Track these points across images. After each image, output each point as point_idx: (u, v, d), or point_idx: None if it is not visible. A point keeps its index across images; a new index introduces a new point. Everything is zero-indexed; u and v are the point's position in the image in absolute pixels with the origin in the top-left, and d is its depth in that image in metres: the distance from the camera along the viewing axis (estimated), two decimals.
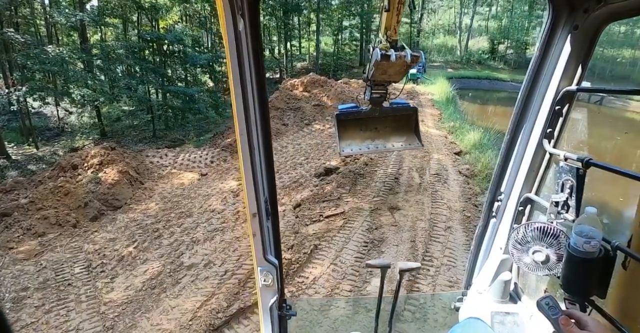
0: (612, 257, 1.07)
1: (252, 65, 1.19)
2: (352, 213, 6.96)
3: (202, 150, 13.18)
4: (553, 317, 1.00)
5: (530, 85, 1.47)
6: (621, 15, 1.20)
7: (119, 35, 26.65)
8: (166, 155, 12.36)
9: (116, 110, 26.65)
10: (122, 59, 23.18)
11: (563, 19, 1.32)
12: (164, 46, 25.78)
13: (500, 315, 1.56)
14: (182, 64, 28.00)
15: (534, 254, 1.30)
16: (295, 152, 12.11)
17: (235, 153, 12.51)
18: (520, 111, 1.52)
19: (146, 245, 6.49)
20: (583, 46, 1.30)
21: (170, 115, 26.54)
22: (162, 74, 24.80)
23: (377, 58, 4.70)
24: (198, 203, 8.14)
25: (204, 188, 9.23)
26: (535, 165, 1.52)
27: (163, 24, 26.62)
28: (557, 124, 1.43)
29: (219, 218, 7.24)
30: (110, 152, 9.96)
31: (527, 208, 1.59)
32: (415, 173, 9.03)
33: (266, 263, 1.43)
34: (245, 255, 5.73)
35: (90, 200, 8.04)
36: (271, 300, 1.51)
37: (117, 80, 22.73)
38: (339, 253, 5.68)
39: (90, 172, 8.91)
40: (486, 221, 1.75)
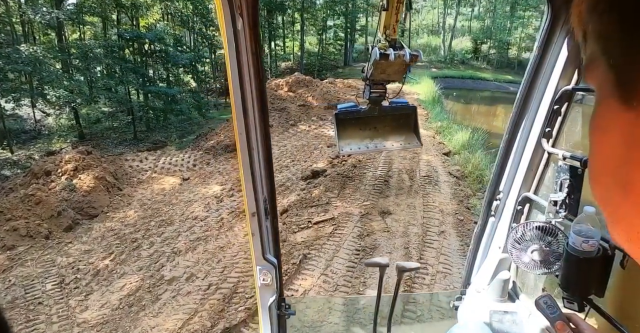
0: (611, 256, 1.07)
1: (251, 65, 1.17)
2: (342, 219, 6.70)
3: (184, 153, 12.73)
4: (551, 316, 1.01)
5: (529, 84, 1.47)
6: None
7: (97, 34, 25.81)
8: (146, 159, 11.87)
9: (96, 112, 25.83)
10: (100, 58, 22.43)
11: (561, 19, 1.31)
12: (144, 45, 25.08)
13: (499, 314, 1.54)
14: (163, 64, 27.32)
15: (533, 253, 1.29)
16: (280, 154, 11.79)
17: (218, 156, 12.12)
18: (519, 110, 1.52)
19: (124, 257, 6.09)
20: None
21: (152, 117, 25.84)
22: (142, 74, 24.08)
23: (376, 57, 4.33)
24: (179, 210, 7.75)
25: (185, 193, 8.83)
26: (534, 164, 1.52)
27: (144, 22, 25.89)
28: (556, 124, 1.43)
29: (201, 227, 6.88)
30: (86, 156, 9.46)
31: (525, 208, 1.58)
32: (406, 176, 8.82)
33: (265, 262, 1.42)
34: (230, 267, 5.40)
35: (64, 208, 7.56)
36: (270, 300, 1.49)
37: (96, 81, 21.98)
38: (330, 263, 5.40)
39: (65, 179, 8.41)
40: (485, 220, 1.74)
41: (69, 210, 7.60)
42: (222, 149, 12.43)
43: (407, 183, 8.43)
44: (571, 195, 1.27)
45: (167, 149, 17.28)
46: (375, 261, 1.87)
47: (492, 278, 1.66)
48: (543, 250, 1.28)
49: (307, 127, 15.36)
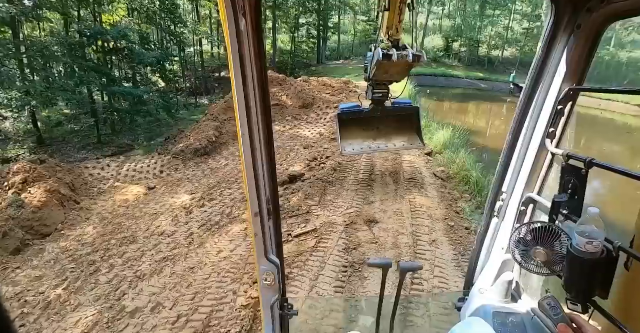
0: (615, 258, 1.05)
1: (254, 66, 1.16)
2: (325, 230, 6.15)
3: (151, 158, 11.84)
4: (555, 317, 1.05)
5: (533, 84, 1.45)
6: (624, 15, 1.19)
7: (54, 31, 24.11)
8: (109, 166, 10.92)
9: (57, 115, 24.29)
10: (58, 57, 20.96)
11: (566, 18, 1.30)
12: (107, 43, 23.65)
13: (502, 315, 1.52)
14: (128, 63, 25.97)
15: (536, 254, 1.28)
16: None
17: (187, 161, 11.34)
18: (522, 110, 1.50)
19: (79, 284, 5.32)
20: (586, 45, 1.30)
21: (117, 119, 24.51)
22: (105, 73, 22.69)
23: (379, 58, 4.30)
24: (144, 225, 6.98)
25: (151, 205, 8.05)
26: (538, 165, 1.51)
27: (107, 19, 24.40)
28: (560, 124, 1.42)
29: (169, 244, 6.16)
30: (38, 166, 8.49)
31: (529, 208, 1.57)
32: (390, 179, 8.37)
33: (268, 262, 1.42)
34: (202, 293, 4.75)
35: (11, 228, 6.65)
36: (272, 300, 1.49)
37: (53, 81, 20.47)
38: (315, 283, 4.84)
39: (12, 193, 7.46)
40: (488, 221, 1.72)
41: (17, 230, 6.69)
42: (192, 153, 11.63)
43: (391, 187, 7.97)
44: (575, 196, 1.25)
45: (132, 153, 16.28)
46: (377, 262, 1.81)
47: (495, 279, 1.64)
48: (546, 251, 1.26)
49: (282, 128, 14.73)
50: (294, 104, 17.18)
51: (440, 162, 9.78)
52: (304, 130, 14.27)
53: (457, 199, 7.61)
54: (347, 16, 51.99)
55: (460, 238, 6.18)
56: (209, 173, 10.11)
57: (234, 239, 6.16)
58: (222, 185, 8.93)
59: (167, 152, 12.43)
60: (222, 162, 11.13)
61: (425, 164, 9.56)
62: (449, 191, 7.95)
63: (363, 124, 6.49)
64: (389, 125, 6.57)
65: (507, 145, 1.57)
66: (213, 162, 11.24)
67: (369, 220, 6.46)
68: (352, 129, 6.48)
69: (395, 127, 6.61)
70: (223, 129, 13.54)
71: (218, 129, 13.24)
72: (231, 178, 9.34)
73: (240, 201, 7.68)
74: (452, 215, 6.88)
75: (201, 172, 10.35)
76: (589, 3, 1.22)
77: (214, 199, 7.97)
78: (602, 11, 1.20)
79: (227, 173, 9.87)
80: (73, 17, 22.87)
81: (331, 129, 13.73)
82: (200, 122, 14.94)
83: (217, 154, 11.87)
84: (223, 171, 10.17)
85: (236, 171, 9.95)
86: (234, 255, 5.64)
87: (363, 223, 6.35)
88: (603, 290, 1.10)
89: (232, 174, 9.74)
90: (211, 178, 9.67)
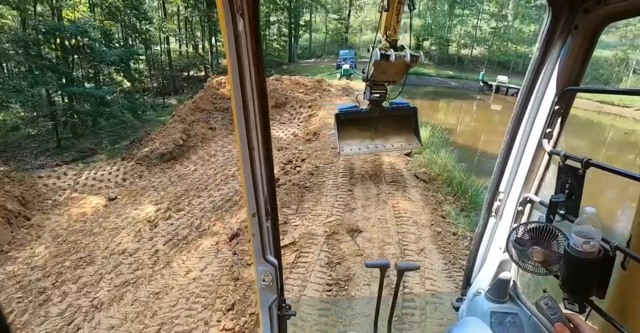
0: (612, 258, 1.06)
1: (252, 66, 1.16)
2: (305, 242, 5.66)
3: (112, 164, 10.98)
4: (552, 317, 1.08)
5: (530, 84, 1.44)
6: (621, 15, 1.19)
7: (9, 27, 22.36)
8: (65, 175, 10.01)
9: (13, 118, 22.65)
10: (10, 55, 19.44)
11: (562, 19, 1.28)
12: (68, 40, 22.18)
13: (499, 315, 1.50)
14: (89, 61, 24.54)
15: (533, 254, 1.28)
16: (225, 162, 10.52)
17: (152, 167, 10.58)
18: (519, 111, 1.48)
19: (26, 317, 4.61)
20: (582, 46, 1.29)
21: (78, 122, 23.12)
22: (63, 73, 21.26)
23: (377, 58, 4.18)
24: (103, 242, 6.28)
25: (112, 218, 7.31)
26: (535, 165, 1.50)
27: (67, 14, 22.86)
28: (557, 124, 1.41)
29: (130, 264, 5.51)
30: None
31: (526, 208, 1.56)
32: (370, 182, 7.97)
33: (266, 263, 1.40)
34: (168, 324, 4.16)
35: None
36: (270, 300, 1.47)
37: (4, 82, 18.93)
38: (297, 306, 4.35)
39: None
40: (485, 221, 1.70)
41: None
42: (157, 158, 10.86)
43: (373, 191, 7.57)
44: (572, 196, 1.25)
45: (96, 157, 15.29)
46: (375, 263, 1.85)
47: (493, 279, 1.64)
48: (543, 251, 1.25)
49: None
50: None
51: (420, 162, 9.48)
52: (277, 131, 13.72)
53: (442, 202, 7.30)
54: (318, 14, 51.56)
55: (448, 245, 5.85)
56: (176, 180, 9.41)
57: (204, 256, 5.58)
58: (190, 193, 8.28)
59: (131, 157, 11.59)
60: (190, 167, 10.43)
61: (405, 165, 9.24)
62: (432, 193, 7.63)
63: (361, 124, 6.47)
64: (386, 125, 6.55)
65: (504, 145, 1.57)
66: (180, 167, 10.53)
67: (351, 229, 6.03)
68: (350, 129, 6.44)
69: (393, 127, 6.60)
70: (191, 131, 12.80)
71: (185, 131, 12.49)
72: (200, 185, 8.70)
73: (211, 211, 7.08)
74: (438, 220, 6.55)
75: (167, 179, 9.63)
76: (586, 4, 1.22)
77: (181, 210, 7.33)
78: (598, 12, 1.20)
79: (196, 180, 9.21)
80: (30, 13, 21.29)
81: (306, 129, 13.26)
82: (166, 124, 14.11)
83: (184, 158, 11.15)
84: (191, 177, 9.50)
85: (205, 177, 9.31)
86: (204, 275, 5.06)
87: (345, 233, 5.91)
88: (600, 289, 1.10)
89: (201, 180, 9.10)
90: (178, 185, 8.99)
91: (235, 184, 8.68)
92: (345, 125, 6.39)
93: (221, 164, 10.35)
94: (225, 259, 5.25)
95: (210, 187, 8.59)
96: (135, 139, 16.57)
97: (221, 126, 14.01)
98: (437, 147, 10.66)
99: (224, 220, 6.73)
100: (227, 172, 9.62)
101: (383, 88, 5.88)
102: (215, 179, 9.16)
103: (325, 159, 9.40)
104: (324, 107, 16.59)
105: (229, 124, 14.34)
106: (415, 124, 6.63)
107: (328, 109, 16.14)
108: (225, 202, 7.77)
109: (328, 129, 12.32)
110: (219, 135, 13.30)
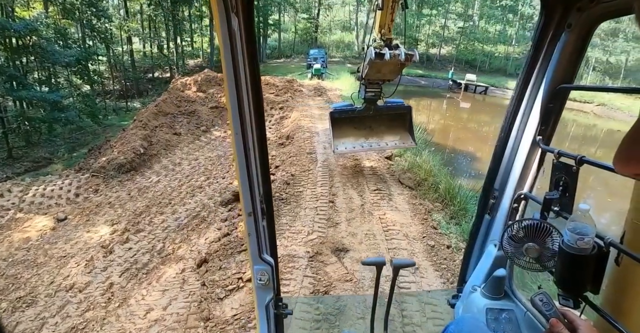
0: (606, 253, 1.07)
1: (247, 64, 1.16)
2: (285, 267, 4.91)
3: (65, 177, 9.81)
4: (547, 312, 1.05)
5: (523, 82, 1.45)
6: (614, 14, 1.20)
7: None
8: (9, 192, 8.79)
9: None
10: None
11: (556, 17, 1.29)
12: (16, 39, 20.38)
13: (495, 311, 1.51)
14: (41, 63, 22.73)
15: (528, 251, 1.28)
16: (192, 171, 9.60)
17: (110, 179, 9.52)
18: (514, 108, 1.50)
19: None
20: (576, 44, 1.29)
21: (31, 129, 21.31)
22: (10, 75, 19.46)
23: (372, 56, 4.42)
24: (48, 275, 5.29)
25: (60, 243, 6.29)
26: (529, 162, 1.50)
27: (22, 13, 21.01)
28: (550, 122, 1.42)
29: (79, 304, 4.59)
30: None
31: (520, 205, 1.57)
32: (352, 191, 7.31)
33: (262, 262, 1.41)
34: None
35: None
36: (267, 299, 1.48)
37: None
38: None
39: None
40: (480, 218, 1.72)
41: None
42: (115, 170, 9.78)
43: (356, 201, 6.92)
44: (566, 193, 1.26)
45: (51, 168, 13.94)
46: (372, 260, 1.79)
47: (488, 275, 1.61)
48: (538, 248, 1.26)
49: (223, 133, 13.21)
50: None
51: (402, 166, 8.90)
52: None
53: (430, 211, 6.73)
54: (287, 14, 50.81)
55: (444, 260, 5.26)
56: (136, 195, 8.42)
57: (168, 288, 4.72)
58: (151, 209, 7.36)
59: (87, 168, 10.42)
60: (152, 178, 9.43)
61: (387, 170, 8.64)
62: (419, 201, 7.06)
63: (355, 122, 6.47)
64: (381, 123, 6.58)
65: (499, 142, 1.57)
66: (141, 178, 9.51)
67: (336, 248, 5.33)
68: (344, 128, 6.43)
69: (388, 126, 6.62)
70: (153, 138, 11.74)
71: (147, 138, 11.42)
72: (163, 200, 7.78)
73: (175, 231, 6.22)
74: (429, 232, 5.96)
75: (126, 193, 8.62)
76: (579, 2, 1.21)
77: (141, 230, 6.40)
78: (592, 10, 1.19)
79: (158, 193, 8.26)
80: None
81: (278, 133, 12.49)
82: (126, 130, 12.96)
83: (146, 168, 10.13)
84: (153, 190, 8.53)
85: (169, 189, 8.38)
86: (167, 315, 4.21)
87: (330, 253, 5.21)
88: (594, 285, 1.10)
89: (164, 194, 8.17)
90: (138, 200, 8.03)
91: (203, 197, 7.81)
92: (339, 123, 6.35)
93: (187, 174, 9.42)
94: (193, 292, 4.43)
95: (174, 201, 7.69)
96: (95, 147, 15.26)
97: (187, 131, 12.99)
98: (418, 149, 10.15)
99: (190, 241, 5.88)
100: (194, 183, 8.71)
101: (377, 86, 5.83)
102: (180, 192, 8.24)
103: (302, 165, 8.67)
104: (296, 108, 15.85)
105: (194, 128, 13.34)
106: (410, 123, 6.62)
107: (301, 110, 15.42)
108: (191, 219, 6.91)
109: (302, 132, 11.60)
110: (184, 141, 12.29)
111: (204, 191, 8.21)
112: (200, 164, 10.14)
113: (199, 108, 14.55)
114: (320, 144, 10.30)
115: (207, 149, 11.45)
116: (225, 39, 1.01)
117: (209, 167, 9.78)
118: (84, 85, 29.55)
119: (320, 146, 10.10)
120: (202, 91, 15.96)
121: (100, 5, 28.57)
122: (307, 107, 16.66)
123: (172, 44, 37.62)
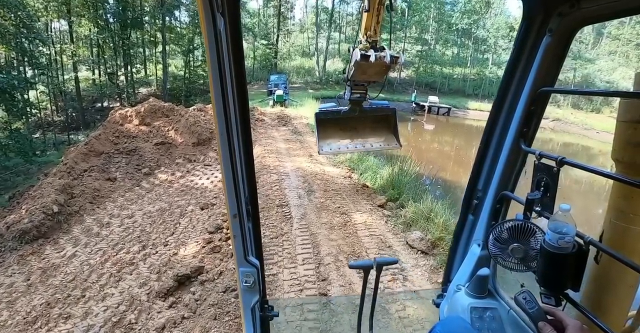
0: (585, 252, 1.09)
1: (232, 65, 1.17)
2: None
3: None
4: (530, 310, 1.10)
5: (505, 86, 1.45)
6: (594, 19, 1.21)
7: None
8: None
9: None
10: None
11: (537, 22, 1.29)
12: None
13: (479, 310, 1.51)
14: None
15: (511, 251, 1.29)
16: (123, 235, 7.10)
17: (10, 252, 6.79)
18: (496, 110, 1.51)
19: None
20: (557, 48, 1.30)
21: None
22: None
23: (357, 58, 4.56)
24: None
25: None
26: (511, 163, 1.50)
27: None
28: (532, 124, 1.42)
29: None
30: None
31: (503, 206, 1.57)
32: (351, 272, 5.18)
33: (247, 264, 1.40)
34: None
35: None
36: (253, 301, 1.46)
37: None
38: None
39: None
40: (464, 218, 1.72)
41: None
42: (16, 238, 7.02)
43: (356, 286, 4.77)
44: (547, 194, 1.26)
45: None
46: (359, 263, 1.81)
47: (472, 275, 1.60)
48: (522, 247, 1.26)
49: (170, 176, 10.75)
50: (185, 140, 13.24)
51: (405, 217, 6.87)
52: (201, 178, 10.47)
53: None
54: (245, 40, 49.51)
55: None
56: (37, 280, 5.80)
57: None
58: (53, 310, 4.85)
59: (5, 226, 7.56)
60: (67, 249, 6.80)
61: (387, 228, 6.59)
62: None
63: (341, 123, 6.48)
64: (366, 125, 6.55)
65: (482, 144, 1.57)
66: (52, 250, 6.86)
67: None
68: (329, 129, 6.44)
69: (373, 128, 6.60)
70: (77, 188, 9.07)
71: (67, 188, 8.75)
72: (74, 291, 5.28)
73: None
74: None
75: (25, 278, 5.96)
76: (561, 7, 1.21)
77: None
78: (573, 15, 1.20)
79: (70, 278, 5.72)
80: None
81: None
82: (40, 180, 10.19)
83: (62, 234, 7.46)
84: (64, 272, 5.95)
85: (87, 269, 5.84)
86: None
87: None
88: (575, 283, 1.12)
89: (78, 278, 5.66)
90: (38, 291, 5.45)
91: (134, 282, 5.38)
92: (325, 124, 6.34)
93: (116, 241, 6.90)
94: None
95: (90, 293, 5.21)
96: (17, 193, 12.18)
97: (124, 175, 10.41)
98: (416, 191, 8.28)
99: None
100: (123, 257, 6.23)
101: (363, 88, 5.84)
102: (102, 273, 5.75)
103: (271, 227, 6.45)
104: (258, 141, 13.72)
105: (134, 171, 10.78)
106: (395, 125, 6.59)
107: (264, 145, 13.28)
108: (111, 327, 4.46)
109: (268, 174, 9.43)
110: (119, 190, 9.70)
111: (137, 270, 5.78)
112: (136, 223, 7.65)
113: (142, 145, 12.03)
114: (293, 191, 8.14)
115: (147, 200, 8.94)
116: (210, 39, 0.99)
117: (146, 228, 7.31)
118: (14, 118, 25.93)
119: (294, 194, 7.94)
120: (146, 124, 13.48)
121: (33, 27, 25.43)
122: (271, 139, 14.56)
123: (122, 70, 34.79)
